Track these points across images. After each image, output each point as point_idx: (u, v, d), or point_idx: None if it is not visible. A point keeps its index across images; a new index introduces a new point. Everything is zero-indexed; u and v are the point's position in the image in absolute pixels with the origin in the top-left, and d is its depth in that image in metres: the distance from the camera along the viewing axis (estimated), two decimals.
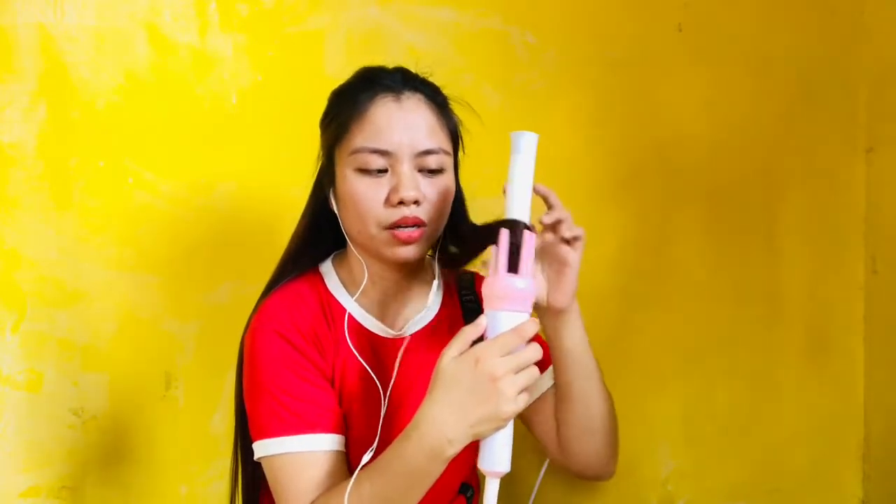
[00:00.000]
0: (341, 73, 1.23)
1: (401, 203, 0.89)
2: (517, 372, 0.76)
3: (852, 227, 1.37)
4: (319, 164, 0.99)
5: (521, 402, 0.76)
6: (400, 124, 0.89)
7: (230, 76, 1.24)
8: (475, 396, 0.76)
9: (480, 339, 0.79)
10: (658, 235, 1.35)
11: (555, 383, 0.99)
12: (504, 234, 0.82)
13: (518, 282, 0.80)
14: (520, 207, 0.84)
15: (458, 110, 0.98)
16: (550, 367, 1.00)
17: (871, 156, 1.36)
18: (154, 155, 1.23)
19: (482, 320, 0.80)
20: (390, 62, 0.98)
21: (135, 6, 1.21)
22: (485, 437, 0.78)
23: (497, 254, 0.82)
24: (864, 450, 1.37)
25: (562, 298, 0.90)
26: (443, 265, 1.02)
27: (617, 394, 1.02)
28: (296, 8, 1.26)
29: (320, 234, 1.00)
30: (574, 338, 0.93)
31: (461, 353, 0.78)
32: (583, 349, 0.94)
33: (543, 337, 0.93)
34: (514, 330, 0.78)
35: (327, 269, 1.00)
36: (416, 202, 0.89)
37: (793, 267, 1.37)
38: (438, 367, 0.78)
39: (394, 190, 0.89)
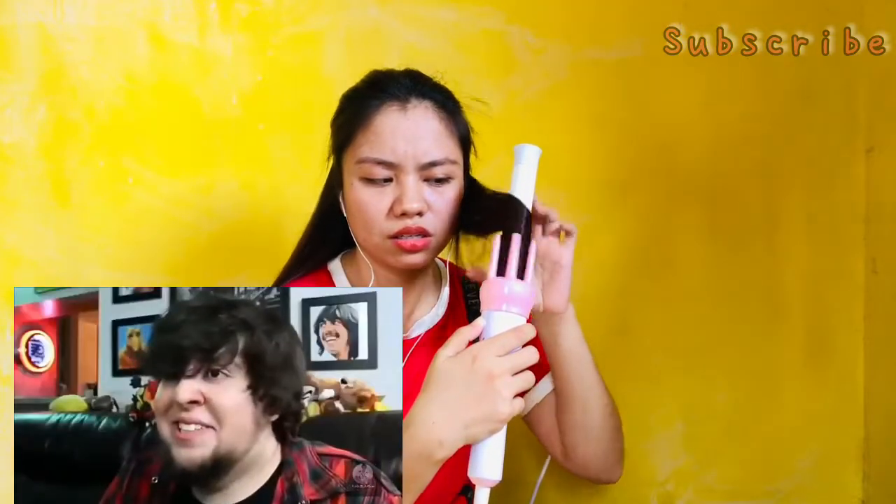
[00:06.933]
0: (341, 74, 1.24)
1: (403, 214, 0.88)
2: (514, 374, 0.74)
3: (852, 227, 1.37)
4: (330, 165, 0.99)
5: (517, 406, 0.74)
6: (405, 135, 0.88)
7: (230, 76, 1.24)
8: (470, 395, 0.73)
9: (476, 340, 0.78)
10: (658, 235, 1.35)
11: (554, 388, 0.99)
12: (515, 239, 0.81)
13: (521, 285, 0.80)
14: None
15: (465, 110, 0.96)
16: (549, 374, 1.01)
17: (871, 156, 1.35)
18: (154, 155, 1.23)
19: (480, 321, 0.78)
20: (390, 62, 0.98)
21: (135, 6, 1.21)
22: (478, 440, 0.75)
23: (501, 256, 0.81)
24: (864, 450, 1.37)
25: (557, 302, 0.91)
26: (466, 231, 0.98)
27: (617, 394, 1.02)
28: (296, 8, 1.26)
29: (330, 233, 1.00)
30: (571, 339, 0.94)
31: (457, 353, 0.76)
32: (581, 351, 0.95)
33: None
34: (513, 330, 0.77)
35: (336, 268, 1.00)
36: (420, 213, 0.89)
37: (793, 267, 1.37)
38: (433, 367, 0.76)
39: (397, 201, 0.88)
